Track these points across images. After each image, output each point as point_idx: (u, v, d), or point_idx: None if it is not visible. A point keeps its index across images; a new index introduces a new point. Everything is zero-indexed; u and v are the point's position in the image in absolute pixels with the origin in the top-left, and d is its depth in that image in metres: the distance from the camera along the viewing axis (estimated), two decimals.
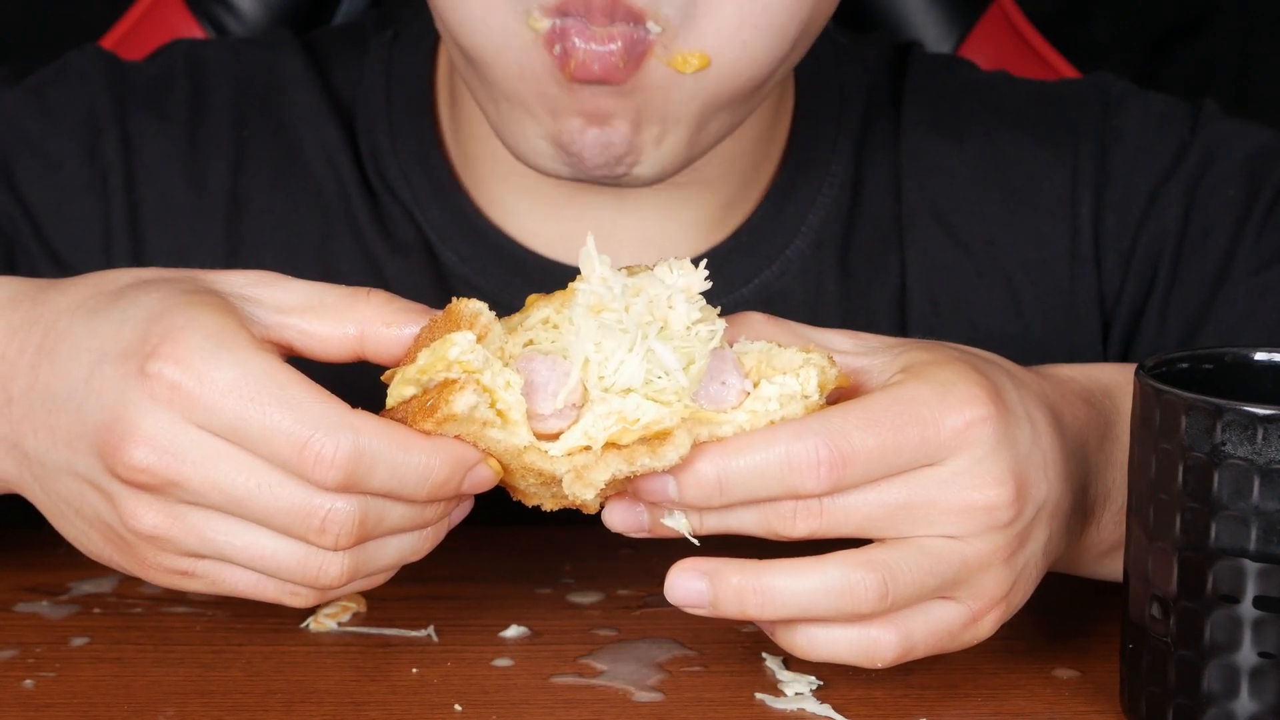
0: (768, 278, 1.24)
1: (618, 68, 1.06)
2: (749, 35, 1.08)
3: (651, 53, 1.07)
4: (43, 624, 1.07)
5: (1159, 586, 0.94)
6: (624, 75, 1.07)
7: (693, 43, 1.07)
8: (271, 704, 0.99)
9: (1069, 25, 2.00)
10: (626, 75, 1.07)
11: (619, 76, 1.06)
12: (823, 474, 0.92)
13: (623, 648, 1.05)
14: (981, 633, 0.97)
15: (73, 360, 0.94)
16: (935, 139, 1.28)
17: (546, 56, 1.07)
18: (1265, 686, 0.92)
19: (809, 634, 0.95)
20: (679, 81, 1.08)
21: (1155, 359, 0.97)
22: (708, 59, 1.07)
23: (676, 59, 1.07)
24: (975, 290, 1.26)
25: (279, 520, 0.91)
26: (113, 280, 0.97)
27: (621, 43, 1.06)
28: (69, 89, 1.27)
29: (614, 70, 1.06)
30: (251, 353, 0.91)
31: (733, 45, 1.08)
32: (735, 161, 1.23)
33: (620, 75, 1.06)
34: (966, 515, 0.94)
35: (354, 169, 1.26)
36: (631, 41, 1.06)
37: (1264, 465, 0.90)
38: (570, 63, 1.06)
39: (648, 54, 1.07)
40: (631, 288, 0.93)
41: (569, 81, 1.07)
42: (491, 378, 0.91)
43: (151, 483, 0.91)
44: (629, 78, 1.07)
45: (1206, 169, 1.26)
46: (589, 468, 0.92)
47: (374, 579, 0.95)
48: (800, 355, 0.94)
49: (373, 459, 0.90)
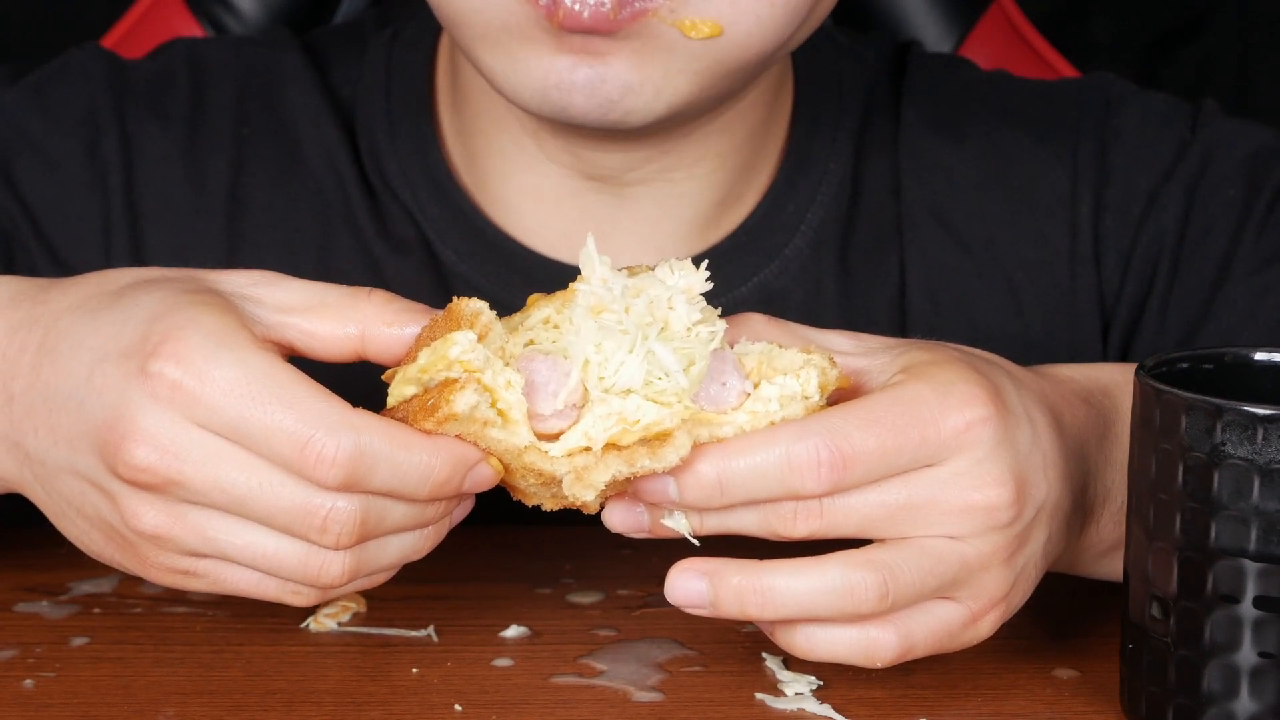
0: (767, 276, 1.24)
1: (608, 17, 1.05)
2: (764, 10, 1.08)
3: (654, 13, 1.06)
4: (43, 624, 1.07)
5: (1159, 586, 0.94)
6: (615, 25, 1.05)
7: (706, 11, 1.07)
8: (271, 704, 0.99)
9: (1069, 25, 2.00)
10: (618, 25, 1.06)
11: (609, 25, 1.05)
12: (823, 475, 0.92)
13: (623, 648, 1.05)
14: (981, 633, 0.97)
15: (74, 359, 0.94)
16: (935, 138, 1.28)
17: (531, 9, 1.07)
18: (1265, 686, 0.92)
19: (809, 634, 0.95)
20: (684, 42, 1.07)
21: (1155, 359, 0.97)
22: (720, 28, 1.07)
23: (685, 23, 1.07)
24: (975, 290, 1.26)
25: (280, 519, 0.91)
26: (114, 280, 0.97)
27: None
28: (69, 87, 1.27)
29: (603, 19, 1.05)
30: (252, 352, 0.91)
31: (748, 17, 1.07)
32: (730, 156, 1.22)
33: (611, 24, 1.05)
34: (966, 515, 0.94)
35: (353, 168, 1.26)
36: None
37: (1264, 465, 0.90)
38: (559, 11, 1.06)
39: (648, 12, 1.06)
40: (632, 289, 0.93)
41: (557, 30, 1.06)
42: (492, 377, 0.91)
43: (152, 482, 0.91)
44: (621, 27, 1.06)
45: (1206, 168, 1.26)
46: (589, 469, 0.91)
47: (375, 578, 0.95)
48: (801, 356, 0.94)
49: (374, 458, 0.90)
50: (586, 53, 1.07)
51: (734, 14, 1.07)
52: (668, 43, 1.07)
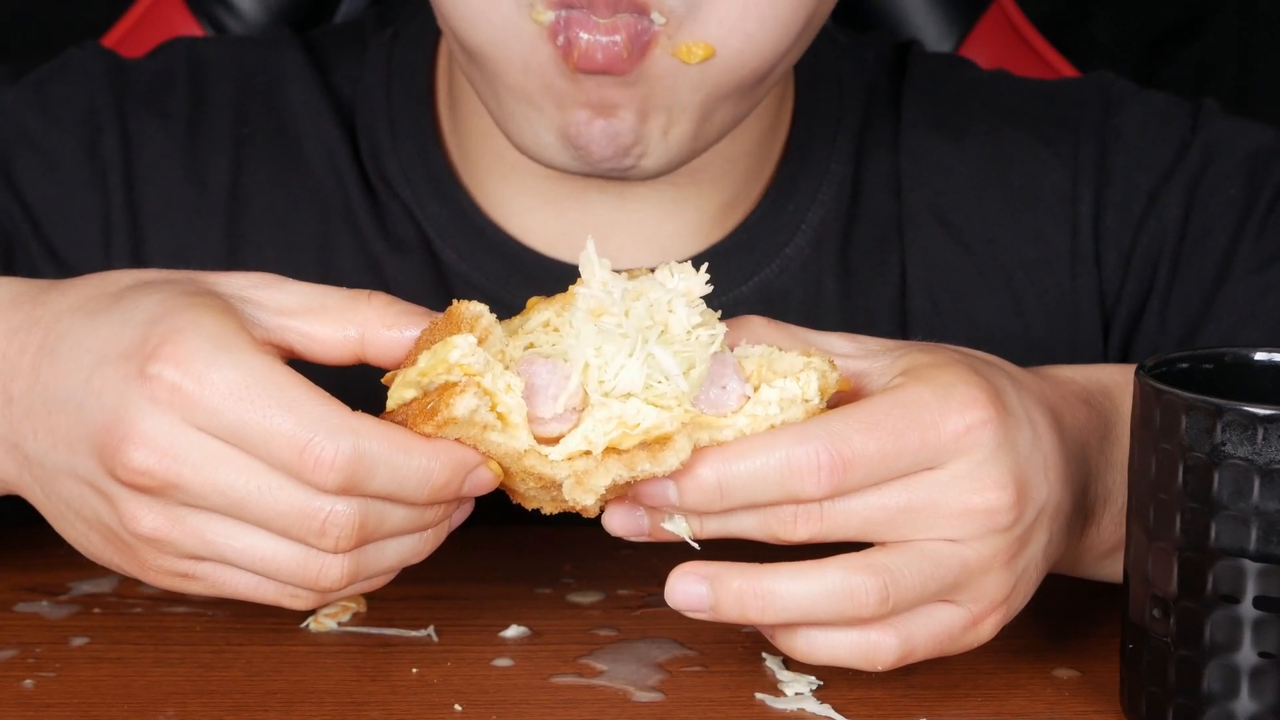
0: (767, 276, 1.24)
1: (621, 58, 1.06)
2: (753, 26, 1.08)
3: (656, 43, 1.07)
4: (43, 624, 1.07)
5: (1159, 587, 0.94)
6: (628, 66, 1.07)
7: (696, 33, 1.07)
8: (271, 704, 0.99)
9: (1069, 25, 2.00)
10: (630, 65, 1.07)
11: (623, 67, 1.07)
12: (823, 478, 0.92)
13: (623, 648, 1.05)
14: (982, 636, 0.97)
15: (73, 361, 0.93)
16: (935, 138, 1.28)
17: (550, 49, 1.07)
18: (1265, 686, 0.92)
19: (809, 637, 0.95)
20: (684, 72, 1.08)
21: (1155, 359, 0.97)
22: (712, 49, 1.08)
23: (681, 49, 1.07)
24: (975, 289, 1.26)
25: (279, 523, 0.91)
26: (114, 281, 0.97)
27: (625, 34, 1.06)
28: (69, 86, 1.27)
29: (617, 60, 1.06)
30: (252, 355, 0.90)
31: (736, 35, 1.08)
32: (738, 161, 1.23)
33: (624, 65, 1.07)
34: (967, 518, 0.94)
35: (354, 167, 1.26)
36: (635, 33, 1.06)
37: (1264, 465, 0.90)
38: (574, 53, 1.06)
39: (652, 44, 1.07)
40: (632, 291, 0.93)
41: (573, 73, 1.07)
42: (492, 381, 0.91)
43: (151, 485, 0.91)
44: (633, 68, 1.07)
45: (1207, 168, 1.26)
46: (589, 473, 0.91)
47: (374, 581, 0.95)
48: (801, 359, 0.94)
49: (373, 461, 0.90)
50: (600, 108, 1.08)
51: (722, 34, 1.08)
52: (670, 82, 1.08)
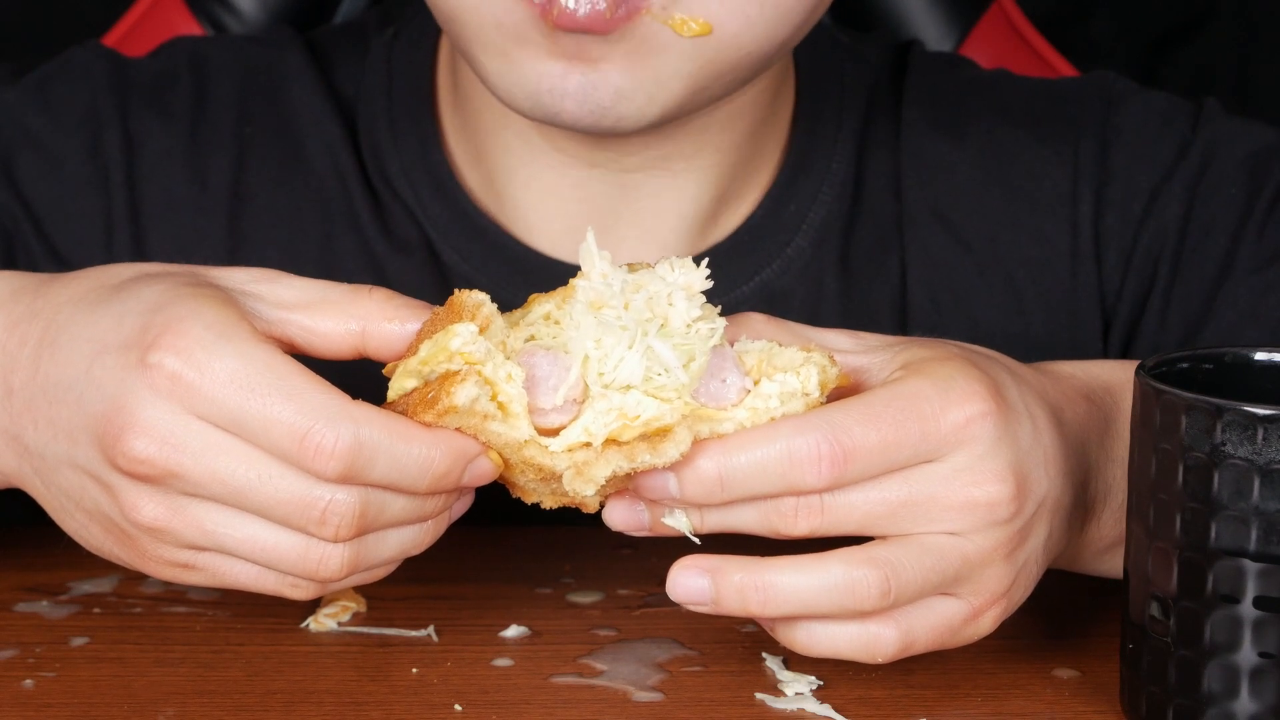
0: (768, 276, 1.24)
1: (604, 17, 1.05)
2: (753, 10, 1.08)
3: (648, 10, 1.06)
4: (43, 624, 1.07)
5: (1159, 586, 0.94)
6: (610, 25, 1.05)
7: (695, 9, 1.07)
8: (271, 704, 0.99)
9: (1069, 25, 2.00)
10: (614, 26, 1.05)
11: (605, 26, 1.05)
12: (824, 469, 0.92)
13: (623, 648, 1.05)
14: (982, 629, 0.97)
15: (73, 351, 0.94)
16: (936, 137, 1.28)
17: (527, 8, 1.06)
18: (1265, 686, 0.92)
19: (809, 629, 0.95)
20: (676, 41, 1.07)
21: (1155, 359, 0.97)
22: (710, 26, 1.07)
23: (676, 20, 1.06)
24: (976, 288, 1.26)
25: (279, 512, 0.91)
26: (114, 274, 0.97)
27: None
28: (71, 85, 1.27)
29: (599, 19, 1.05)
30: (252, 344, 0.91)
31: (735, 17, 1.07)
32: (729, 152, 1.22)
33: (606, 24, 1.05)
34: (967, 511, 0.94)
35: (355, 167, 1.26)
36: None
37: (1264, 465, 0.90)
38: (553, 10, 1.05)
39: (641, 9, 1.06)
40: (632, 284, 0.93)
41: (552, 31, 1.06)
42: (493, 370, 0.91)
43: (151, 474, 0.91)
44: (617, 28, 1.06)
45: (1208, 167, 1.26)
46: (589, 464, 0.91)
47: (374, 572, 0.95)
48: (801, 354, 0.94)
49: (373, 450, 0.90)
50: (580, 58, 1.07)
51: (722, 12, 1.07)
52: (660, 44, 1.07)
